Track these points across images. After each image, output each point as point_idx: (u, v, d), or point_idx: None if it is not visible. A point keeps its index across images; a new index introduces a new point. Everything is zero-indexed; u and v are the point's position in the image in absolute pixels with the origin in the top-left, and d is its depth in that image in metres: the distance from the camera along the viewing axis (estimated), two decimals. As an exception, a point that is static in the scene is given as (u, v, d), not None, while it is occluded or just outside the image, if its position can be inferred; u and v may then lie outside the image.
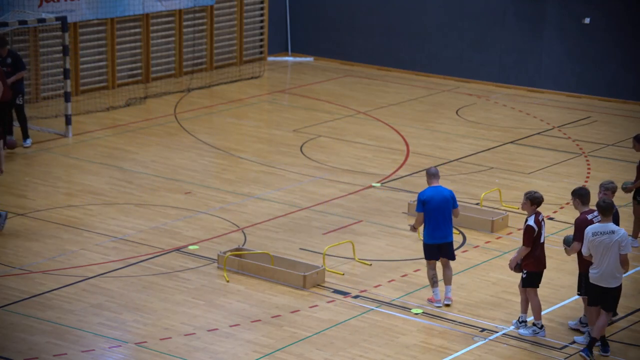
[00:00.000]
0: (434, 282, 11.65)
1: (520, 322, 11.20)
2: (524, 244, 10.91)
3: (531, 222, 10.83)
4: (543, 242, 10.96)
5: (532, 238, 10.83)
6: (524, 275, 10.98)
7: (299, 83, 21.61)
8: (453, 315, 11.44)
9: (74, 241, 13.21)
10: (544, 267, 11.04)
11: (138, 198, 14.80)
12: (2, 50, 16.37)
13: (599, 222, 10.58)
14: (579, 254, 10.77)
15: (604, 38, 20.59)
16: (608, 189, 11.28)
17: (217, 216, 14.18)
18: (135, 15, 20.55)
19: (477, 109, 20.02)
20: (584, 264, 10.79)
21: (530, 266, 10.93)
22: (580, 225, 10.70)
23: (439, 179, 11.62)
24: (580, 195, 10.87)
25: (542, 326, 11.09)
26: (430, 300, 11.74)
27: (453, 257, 11.71)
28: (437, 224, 11.45)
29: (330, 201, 14.86)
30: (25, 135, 16.64)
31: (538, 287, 11.04)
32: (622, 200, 14.18)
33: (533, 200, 10.89)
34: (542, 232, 10.91)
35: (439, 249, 11.60)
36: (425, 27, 22.29)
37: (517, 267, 10.98)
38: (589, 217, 10.77)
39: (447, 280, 11.79)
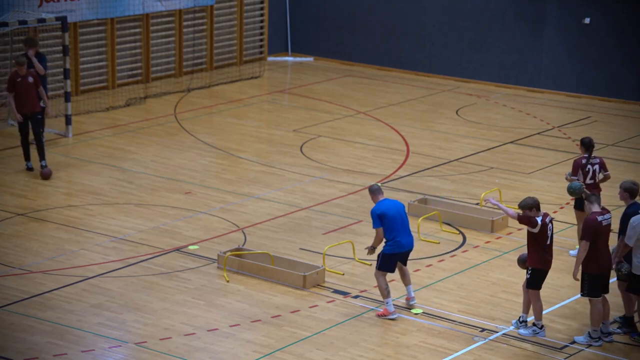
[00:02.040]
0: (388, 292, 11.38)
1: (520, 322, 11.21)
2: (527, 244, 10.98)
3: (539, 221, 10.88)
4: (551, 244, 10.93)
5: (534, 222, 10.79)
6: (528, 275, 10.97)
7: (299, 83, 21.60)
8: (453, 315, 11.43)
9: (74, 241, 13.20)
10: (549, 267, 10.98)
11: (138, 198, 14.79)
12: (31, 51, 16.16)
13: None
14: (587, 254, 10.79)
15: (604, 38, 20.57)
16: (626, 189, 11.16)
17: (217, 216, 14.17)
18: (135, 15, 20.53)
19: (477, 109, 20.02)
20: (589, 264, 10.77)
21: (534, 263, 10.87)
22: (590, 225, 10.71)
23: (382, 194, 11.44)
24: (587, 197, 10.94)
25: (542, 326, 11.10)
26: (383, 315, 11.40)
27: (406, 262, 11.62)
28: (400, 232, 11.28)
29: (330, 201, 14.86)
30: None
31: (540, 288, 11.02)
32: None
33: (524, 207, 10.82)
34: (549, 233, 10.87)
35: (399, 258, 11.42)
36: (425, 27, 22.27)
37: (520, 261, 11.02)
38: (599, 218, 10.79)
39: (409, 280, 11.64)
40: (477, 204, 14.69)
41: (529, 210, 10.87)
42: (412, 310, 11.53)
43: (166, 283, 12.05)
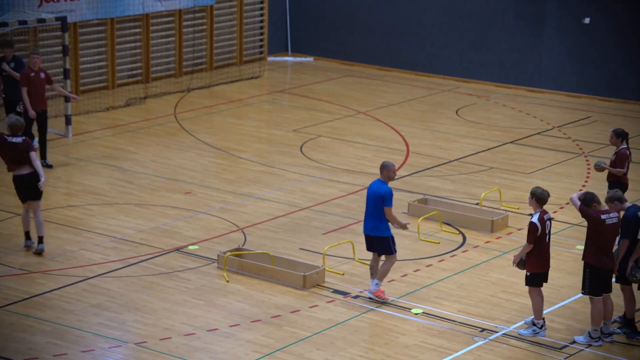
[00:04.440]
0: (371, 273, 11.68)
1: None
2: (527, 241, 10.88)
3: (535, 219, 10.78)
4: (548, 242, 10.92)
5: (536, 236, 10.78)
6: (528, 274, 10.95)
7: (299, 83, 21.57)
8: (453, 316, 11.39)
9: (74, 241, 13.17)
10: (548, 268, 10.99)
11: (138, 198, 14.76)
12: (7, 52, 16.19)
13: None
14: (588, 243, 10.76)
15: (604, 38, 20.52)
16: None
17: (217, 216, 14.14)
18: (135, 15, 20.50)
19: (477, 109, 19.98)
20: (592, 255, 10.75)
21: (534, 267, 10.89)
22: (591, 217, 10.72)
23: (382, 175, 11.49)
24: (592, 199, 10.83)
25: (542, 326, 11.06)
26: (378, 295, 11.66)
27: (382, 253, 11.59)
28: (366, 215, 11.52)
29: (330, 201, 14.83)
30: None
31: (542, 286, 11.01)
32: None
33: (534, 196, 10.86)
34: (547, 231, 10.86)
35: (369, 241, 11.61)
36: (425, 27, 22.21)
37: (520, 263, 10.93)
38: (603, 216, 10.75)
39: (374, 274, 11.72)
40: (477, 204, 14.64)
41: (530, 196, 10.94)
42: (411, 310, 11.49)
43: (166, 283, 12.01)
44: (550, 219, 10.93)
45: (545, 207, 11.03)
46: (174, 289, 11.86)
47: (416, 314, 11.40)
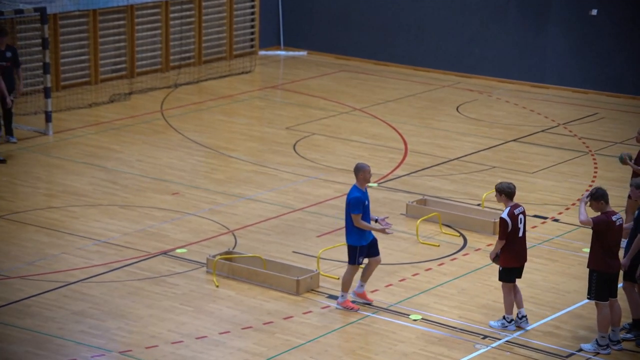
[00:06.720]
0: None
1: (519, 318, 11.16)
2: (498, 237, 11.05)
3: (504, 215, 10.96)
4: (522, 237, 11.03)
5: (506, 231, 10.93)
6: (500, 269, 11.09)
7: (291, 78, 21.60)
8: (453, 322, 11.29)
9: (55, 245, 13.05)
10: (524, 261, 11.12)
11: (123, 199, 14.69)
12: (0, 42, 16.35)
13: None
14: (593, 250, 10.70)
15: (611, 31, 20.52)
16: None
17: (206, 218, 14.04)
18: (119, 7, 20.49)
19: (478, 106, 19.99)
20: (598, 261, 10.64)
21: (507, 262, 11.00)
22: (601, 220, 10.65)
23: (357, 179, 11.42)
24: (602, 196, 10.78)
25: (511, 320, 11.11)
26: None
27: (349, 260, 11.58)
28: None
29: (324, 202, 14.74)
30: (10, 132, 16.80)
31: (514, 282, 11.08)
32: None
33: (503, 192, 11.01)
34: (520, 226, 10.97)
35: None
36: (424, 20, 22.26)
37: (496, 258, 11.11)
38: (614, 217, 10.67)
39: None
40: (478, 204, 14.59)
41: (495, 191, 11.10)
42: (410, 316, 11.38)
43: (152, 288, 11.90)
44: (522, 213, 11.03)
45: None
46: (160, 294, 11.76)
47: (415, 320, 11.32)
